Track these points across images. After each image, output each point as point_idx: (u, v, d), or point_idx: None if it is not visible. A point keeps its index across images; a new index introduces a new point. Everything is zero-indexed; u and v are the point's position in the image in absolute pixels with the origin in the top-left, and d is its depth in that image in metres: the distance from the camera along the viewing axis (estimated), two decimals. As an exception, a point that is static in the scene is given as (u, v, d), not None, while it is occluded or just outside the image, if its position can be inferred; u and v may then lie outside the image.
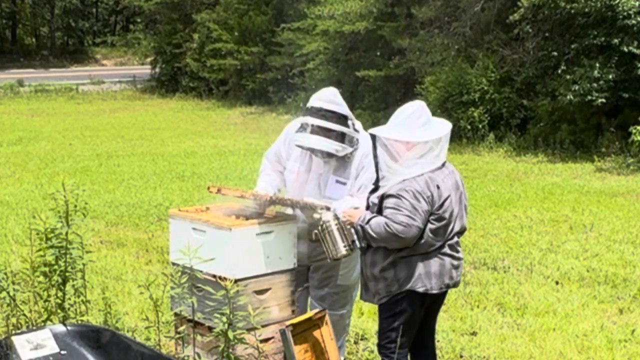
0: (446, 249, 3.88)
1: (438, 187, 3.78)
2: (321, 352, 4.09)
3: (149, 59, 30.00)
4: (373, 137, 3.88)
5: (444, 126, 3.91)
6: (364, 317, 5.70)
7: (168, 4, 26.64)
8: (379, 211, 3.81)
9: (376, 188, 3.92)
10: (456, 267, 3.95)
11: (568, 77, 13.30)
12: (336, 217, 3.95)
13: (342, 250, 3.93)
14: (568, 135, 13.93)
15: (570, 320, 5.75)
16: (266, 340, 4.03)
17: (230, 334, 3.79)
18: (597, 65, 12.95)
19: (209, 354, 4.00)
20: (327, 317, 4.13)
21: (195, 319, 3.99)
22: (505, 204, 9.78)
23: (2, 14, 40.31)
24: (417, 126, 3.81)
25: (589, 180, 11.59)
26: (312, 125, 4.09)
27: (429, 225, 3.78)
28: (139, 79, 28.36)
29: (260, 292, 4.00)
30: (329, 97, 4.15)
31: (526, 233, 8.32)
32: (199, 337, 4.03)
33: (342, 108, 4.14)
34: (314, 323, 4.09)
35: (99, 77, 29.08)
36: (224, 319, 3.79)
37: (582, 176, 11.99)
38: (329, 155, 4.14)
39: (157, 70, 28.12)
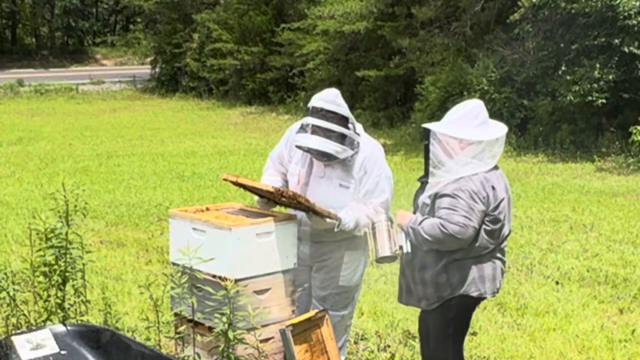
0: (498, 253, 3.80)
1: (493, 188, 3.70)
2: (321, 352, 4.08)
3: (149, 59, 30.05)
4: (427, 131, 3.79)
5: (500, 128, 3.82)
6: (364, 317, 5.69)
7: (168, 3, 26.67)
8: (431, 212, 3.73)
9: (423, 184, 3.85)
10: (503, 272, 3.88)
11: (568, 77, 13.28)
12: (389, 219, 3.87)
13: (387, 251, 3.80)
14: (568, 135, 13.91)
15: (570, 320, 5.75)
16: (266, 340, 4.01)
17: (230, 334, 3.79)
18: (598, 65, 12.93)
19: (209, 354, 4.00)
20: (327, 317, 4.13)
21: (195, 319, 3.98)
22: (505, 204, 9.76)
23: (2, 14, 40.34)
24: (474, 126, 3.72)
25: (589, 180, 11.59)
26: (313, 126, 4.01)
27: (484, 227, 3.69)
28: (139, 79, 28.39)
29: (260, 292, 3.99)
30: (330, 98, 4.08)
31: (526, 233, 8.31)
32: (199, 337, 4.02)
33: (344, 109, 4.08)
34: (314, 323, 4.08)
35: (99, 77, 29.12)
36: (224, 319, 3.79)
37: (582, 176, 11.98)
38: (329, 157, 4.07)
39: (157, 70, 28.16)
